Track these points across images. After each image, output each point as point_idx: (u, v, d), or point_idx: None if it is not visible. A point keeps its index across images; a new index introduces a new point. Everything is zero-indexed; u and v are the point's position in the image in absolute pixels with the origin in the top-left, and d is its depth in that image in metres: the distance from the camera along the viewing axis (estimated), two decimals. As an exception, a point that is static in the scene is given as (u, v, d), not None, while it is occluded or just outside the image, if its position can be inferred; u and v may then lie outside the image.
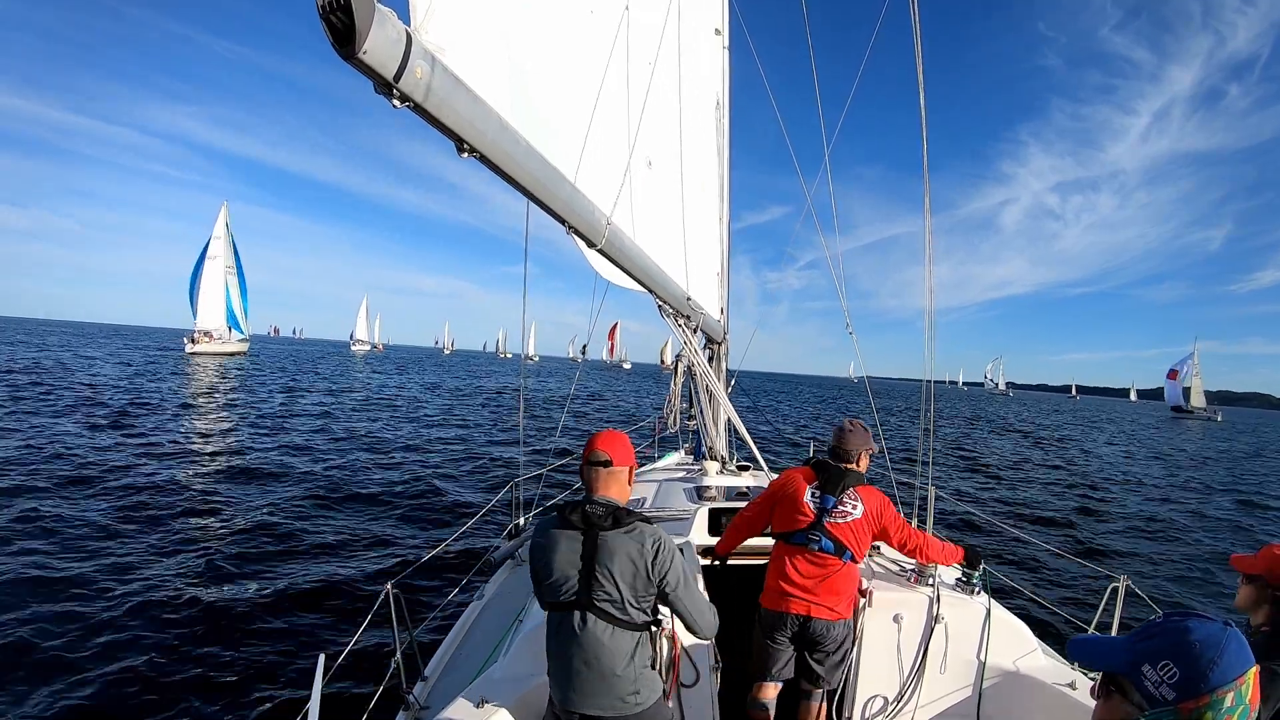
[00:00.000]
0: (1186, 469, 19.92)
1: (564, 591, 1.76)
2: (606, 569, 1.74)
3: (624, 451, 1.92)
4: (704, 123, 4.84)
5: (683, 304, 3.88)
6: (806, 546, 2.48)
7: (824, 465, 2.59)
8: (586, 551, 1.76)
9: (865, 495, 2.52)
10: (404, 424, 17.84)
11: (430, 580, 5.84)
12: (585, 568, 1.75)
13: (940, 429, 27.89)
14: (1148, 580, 7.65)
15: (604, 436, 1.94)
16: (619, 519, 1.79)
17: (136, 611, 4.99)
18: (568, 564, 1.76)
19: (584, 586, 1.75)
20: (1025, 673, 2.48)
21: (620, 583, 1.74)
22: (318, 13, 1.03)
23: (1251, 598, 1.80)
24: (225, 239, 45.57)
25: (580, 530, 1.78)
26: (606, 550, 1.75)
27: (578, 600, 1.75)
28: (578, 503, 1.85)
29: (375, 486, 9.77)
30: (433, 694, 2.66)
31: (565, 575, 1.76)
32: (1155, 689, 0.97)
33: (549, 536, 1.81)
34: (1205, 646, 0.95)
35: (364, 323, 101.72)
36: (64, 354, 38.29)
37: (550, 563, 1.78)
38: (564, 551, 1.77)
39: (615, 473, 1.88)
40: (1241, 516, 12.53)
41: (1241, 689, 0.94)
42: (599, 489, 1.86)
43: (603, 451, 1.87)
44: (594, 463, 1.87)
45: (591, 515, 1.79)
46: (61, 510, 7.44)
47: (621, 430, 2.05)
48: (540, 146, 1.79)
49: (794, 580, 2.49)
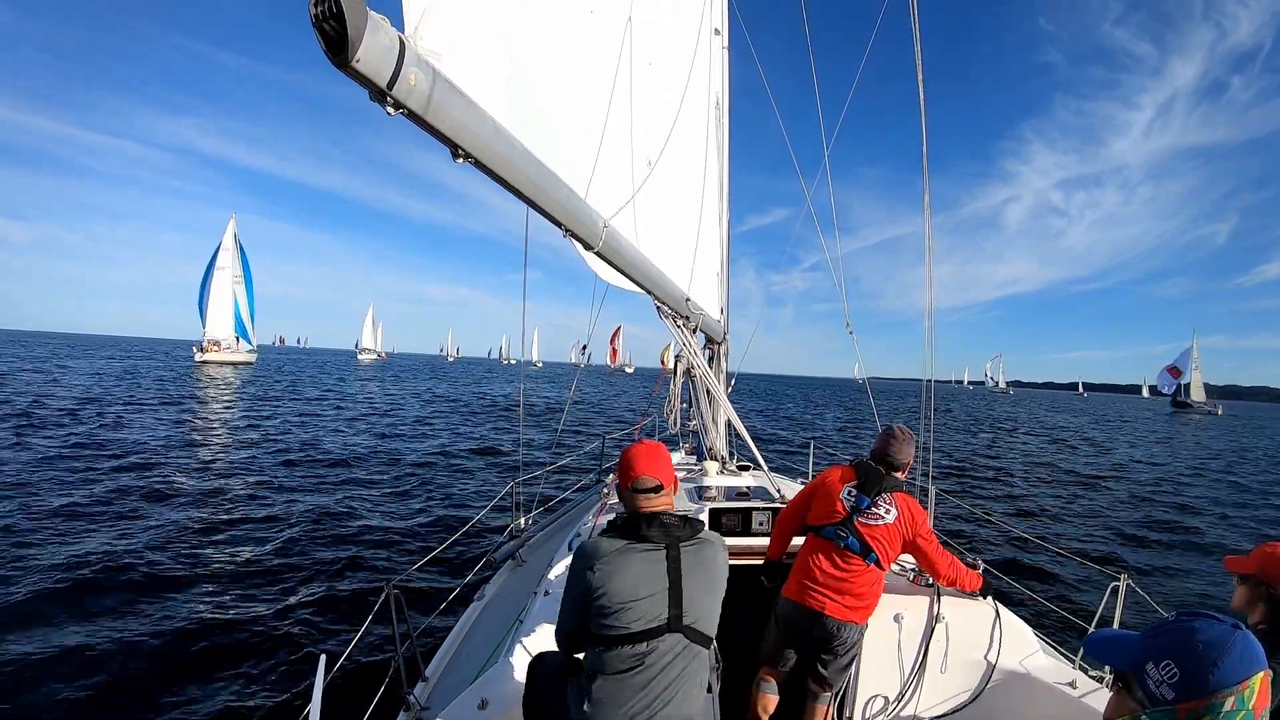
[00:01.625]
0: (1178, 464, 19.87)
1: (648, 617, 1.57)
2: (695, 583, 1.62)
3: (669, 469, 1.75)
4: (703, 123, 4.83)
5: (681, 305, 3.88)
6: (834, 543, 2.46)
7: (865, 466, 2.56)
8: (672, 567, 1.61)
9: (901, 502, 2.48)
10: (402, 428, 17.86)
11: (431, 581, 5.86)
12: (673, 585, 1.59)
13: (939, 432, 27.84)
14: (1149, 579, 7.64)
15: (645, 456, 1.74)
16: (695, 528, 1.68)
17: (137, 613, 5.01)
18: (652, 584, 1.59)
19: (674, 605, 1.59)
20: (1026, 672, 2.48)
21: (709, 595, 1.64)
22: (310, 22, 1.04)
23: (1246, 597, 1.81)
24: (233, 250, 46.13)
25: (661, 545, 1.62)
26: (693, 563, 1.63)
27: (667, 623, 1.58)
28: (647, 516, 1.67)
29: (375, 487, 9.78)
30: (433, 695, 2.67)
31: (650, 596, 1.58)
32: (1156, 688, 0.98)
33: (617, 557, 1.60)
34: (1208, 648, 0.95)
35: (369, 331, 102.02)
36: (80, 363, 38.40)
37: (626, 585, 1.57)
38: (643, 572, 1.59)
39: (666, 494, 1.73)
40: (1234, 511, 12.50)
41: (1244, 694, 0.92)
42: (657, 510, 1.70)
43: (652, 478, 1.70)
44: (642, 490, 1.70)
45: (670, 526, 1.64)
46: (61, 508, 7.47)
47: (655, 440, 1.89)
48: (537, 149, 1.78)
49: (815, 576, 2.47)
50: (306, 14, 1.03)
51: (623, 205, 2.66)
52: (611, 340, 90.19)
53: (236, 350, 47.94)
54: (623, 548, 1.61)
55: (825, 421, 28.96)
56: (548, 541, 4.36)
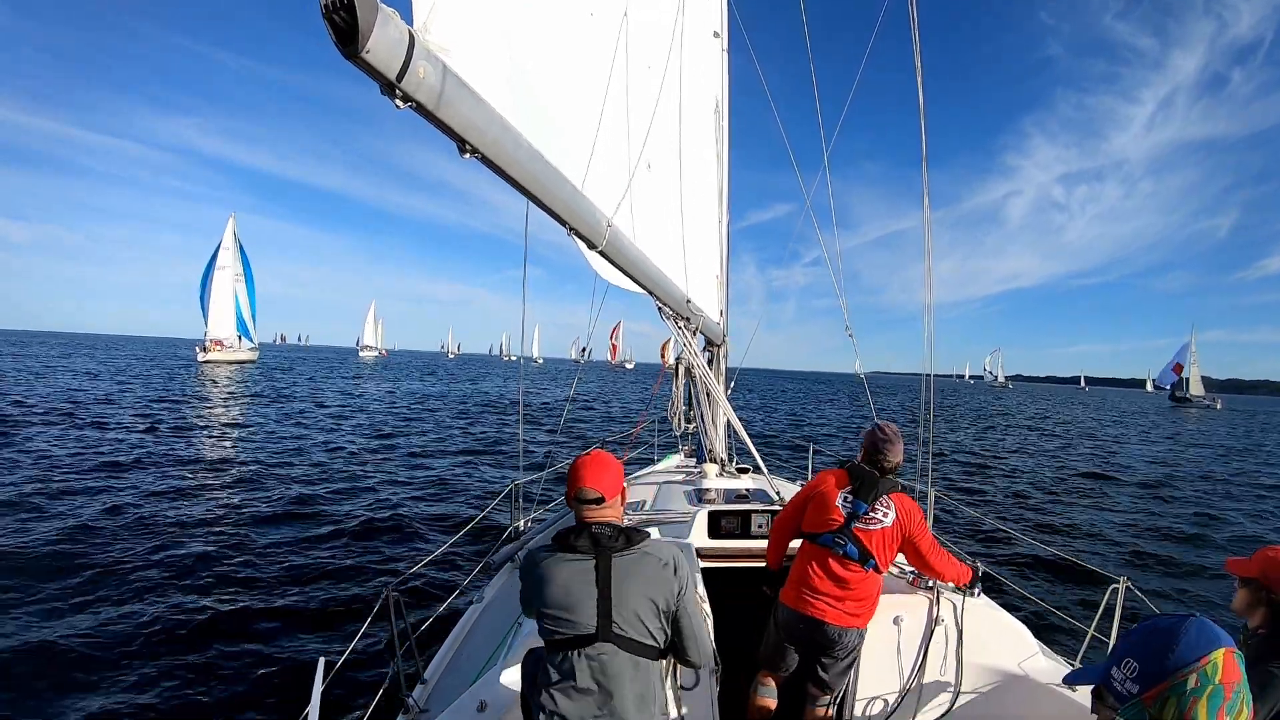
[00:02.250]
0: (1175, 460, 19.94)
1: (578, 622, 1.59)
2: (627, 594, 1.60)
3: (614, 481, 1.74)
4: (703, 126, 4.85)
5: (683, 306, 3.88)
6: (831, 550, 2.44)
7: (859, 470, 2.52)
8: (601, 577, 1.61)
9: (898, 503, 2.45)
10: (401, 427, 17.82)
11: (429, 583, 5.83)
12: (602, 595, 1.59)
13: (939, 432, 27.90)
14: (1149, 582, 7.65)
15: (590, 467, 1.72)
16: (631, 539, 1.66)
17: (136, 615, 4.97)
18: (579, 593, 1.60)
19: (602, 615, 1.59)
20: (1025, 675, 2.48)
21: (642, 607, 1.61)
22: (321, 12, 1.04)
23: (1247, 601, 1.80)
24: (233, 249, 46.07)
25: (590, 555, 1.63)
26: (624, 573, 1.62)
27: (596, 633, 1.58)
28: (578, 527, 1.69)
29: (373, 490, 9.74)
30: (432, 697, 2.65)
31: (577, 606, 1.59)
32: (1122, 686, 1.02)
33: (548, 566, 1.64)
34: (1162, 635, 0.99)
35: (371, 329, 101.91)
36: (88, 365, 38.28)
37: (555, 594, 1.60)
38: (573, 580, 1.61)
39: (608, 507, 1.72)
40: (1232, 512, 12.54)
41: (1205, 669, 0.94)
42: (590, 521, 1.70)
43: (592, 489, 1.69)
44: (584, 501, 1.70)
45: (600, 537, 1.64)
46: (61, 507, 7.42)
47: (607, 451, 1.85)
48: (541, 148, 1.78)
49: (813, 584, 2.45)
50: (307, 13, 1.04)
51: (622, 206, 2.66)
52: (611, 336, 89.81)
53: (239, 349, 47.68)
54: (554, 557, 1.65)
55: (825, 419, 28.99)
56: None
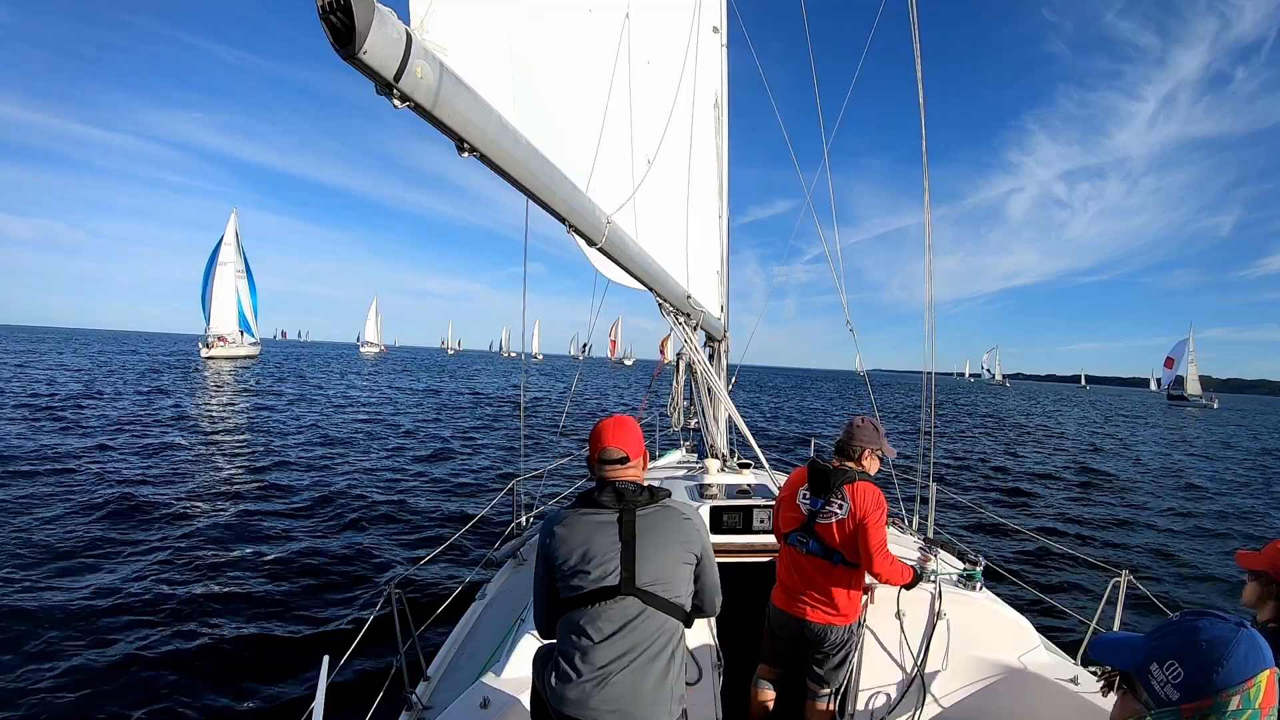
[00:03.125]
0: (1159, 461, 19.94)
1: (601, 576, 1.56)
2: (651, 546, 1.59)
3: (636, 442, 1.76)
4: (703, 121, 4.82)
5: (683, 302, 3.88)
6: (798, 549, 2.48)
7: (815, 465, 2.52)
8: (625, 531, 1.60)
9: (854, 493, 2.39)
10: (404, 425, 17.84)
11: (432, 580, 5.85)
12: (626, 548, 1.58)
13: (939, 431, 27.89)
14: (1150, 574, 7.66)
15: (613, 429, 1.75)
16: (654, 494, 1.68)
17: (138, 613, 4.99)
18: (604, 546, 1.58)
19: (626, 568, 1.57)
20: (1027, 668, 2.49)
21: (668, 560, 1.60)
22: (317, 13, 1.03)
23: (1257, 594, 1.80)
24: (235, 245, 46.17)
25: (614, 509, 1.63)
26: (649, 527, 1.61)
27: (619, 585, 1.56)
28: (601, 484, 1.70)
29: (375, 488, 9.77)
30: (435, 694, 2.67)
31: (601, 558, 1.57)
32: (1161, 688, 0.97)
33: (569, 524, 1.63)
34: (1212, 647, 0.94)
35: (373, 325, 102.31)
36: (81, 360, 38.39)
37: (578, 547, 1.58)
38: (596, 534, 1.59)
39: (632, 467, 1.74)
40: (1233, 508, 12.54)
41: (1250, 692, 0.91)
42: (614, 479, 1.71)
43: (617, 449, 1.71)
44: (608, 461, 1.72)
45: (625, 492, 1.65)
46: (60, 502, 7.45)
47: (625, 415, 1.87)
48: (540, 145, 1.78)
49: (791, 584, 2.52)
50: (305, 7, 1.03)
51: (623, 203, 2.66)
52: (610, 333, 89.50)
53: (241, 345, 48.03)
54: (575, 514, 1.65)
55: (827, 416, 28.98)
56: None
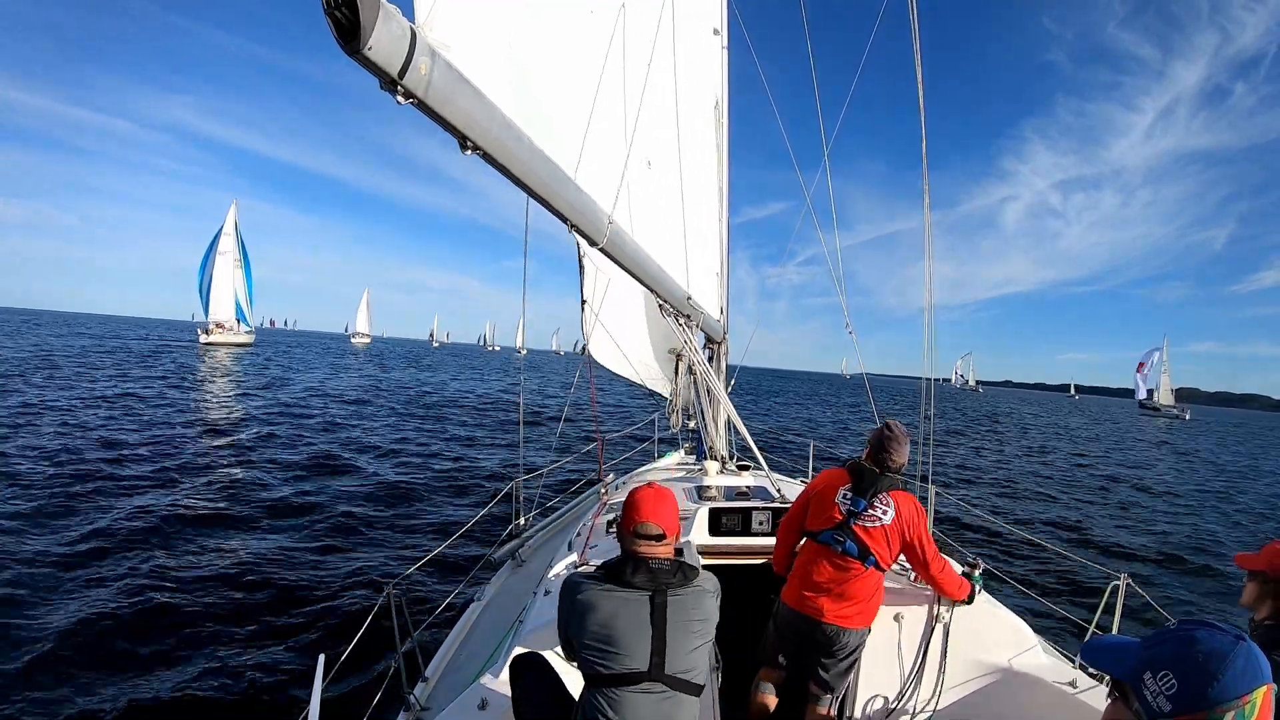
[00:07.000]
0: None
1: (629, 658, 1.52)
2: (682, 633, 1.55)
3: (673, 517, 1.69)
4: (702, 123, 4.83)
5: (683, 303, 3.88)
6: (830, 547, 2.42)
7: (859, 467, 2.49)
8: (657, 614, 1.55)
9: (899, 501, 2.40)
10: (402, 424, 17.80)
11: (430, 581, 5.83)
12: (657, 633, 1.54)
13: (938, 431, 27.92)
14: (1146, 579, 7.67)
15: (652, 502, 1.69)
16: (687, 574, 1.62)
17: (133, 613, 4.96)
18: (633, 628, 1.54)
19: (657, 653, 1.52)
20: (1026, 671, 2.49)
21: (695, 646, 1.58)
22: (322, 8, 1.03)
23: (1255, 594, 1.82)
24: (234, 235, 47.08)
25: (646, 590, 1.57)
26: (679, 609, 1.57)
27: (648, 670, 1.52)
28: (635, 562, 1.62)
29: (375, 488, 9.74)
30: (433, 695, 2.66)
31: (630, 640, 1.53)
32: (1153, 699, 0.94)
33: (594, 596, 1.58)
34: (1208, 659, 0.91)
35: (364, 316, 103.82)
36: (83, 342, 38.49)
37: (604, 626, 1.54)
38: (623, 611, 1.55)
39: (666, 543, 1.67)
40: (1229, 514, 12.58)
41: (1245, 708, 0.89)
42: (647, 556, 1.65)
43: (655, 525, 1.65)
44: (644, 536, 1.65)
45: (659, 573, 1.59)
46: (59, 498, 7.41)
47: (664, 487, 1.79)
48: (542, 145, 1.78)
49: (814, 582, 2.44)
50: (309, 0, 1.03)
51: (624, 204, 2.66)
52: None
53: (237, 332, 49.37)
54: (605, 590, 1.59)
55: (824, 418, 29.01)
56: (548, 542, 4.35)
